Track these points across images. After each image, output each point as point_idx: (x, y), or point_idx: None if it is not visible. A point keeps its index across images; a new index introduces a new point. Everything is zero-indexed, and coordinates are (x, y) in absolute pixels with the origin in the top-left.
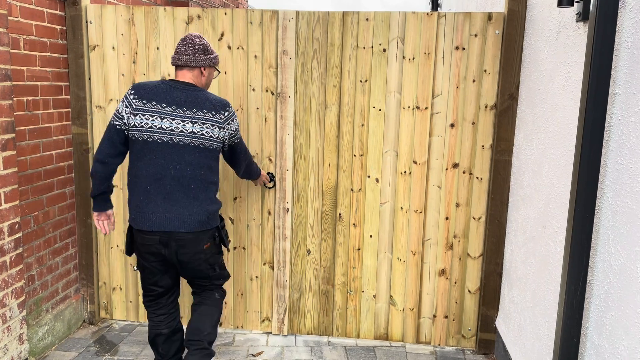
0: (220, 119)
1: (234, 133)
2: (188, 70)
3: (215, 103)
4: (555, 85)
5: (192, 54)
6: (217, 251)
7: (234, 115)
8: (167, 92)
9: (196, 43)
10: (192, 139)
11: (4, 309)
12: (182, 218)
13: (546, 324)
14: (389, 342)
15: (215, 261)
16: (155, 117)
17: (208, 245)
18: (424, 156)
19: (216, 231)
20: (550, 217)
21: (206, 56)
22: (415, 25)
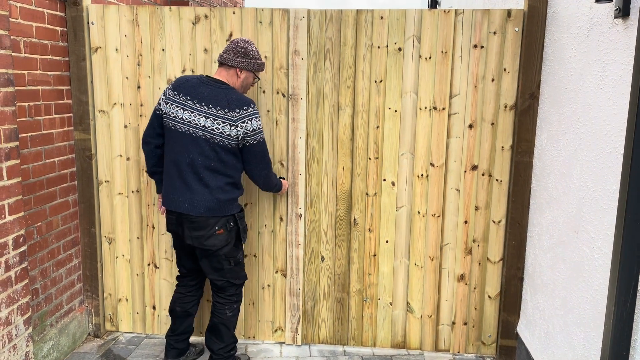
0: (234, 117)
1: (250, 133)
2: (225, 68)
3: (233, 101)
4: (588, 84)
5: (232, 54)
6: (233, 243)
7: (254, 116)
8: (195, 87)
9: (240, 45)
10: (204, 132)
11: (9, 327)
12: (192, 202)
13: (581, 334)
14: (406, 350)
15: (231, 254)
16: (179, 108)
17: (221, 232)
18: (442, 158)
19: (231, 219)
20: (585, 221)
21: (245, 59)
22: (431, 23)
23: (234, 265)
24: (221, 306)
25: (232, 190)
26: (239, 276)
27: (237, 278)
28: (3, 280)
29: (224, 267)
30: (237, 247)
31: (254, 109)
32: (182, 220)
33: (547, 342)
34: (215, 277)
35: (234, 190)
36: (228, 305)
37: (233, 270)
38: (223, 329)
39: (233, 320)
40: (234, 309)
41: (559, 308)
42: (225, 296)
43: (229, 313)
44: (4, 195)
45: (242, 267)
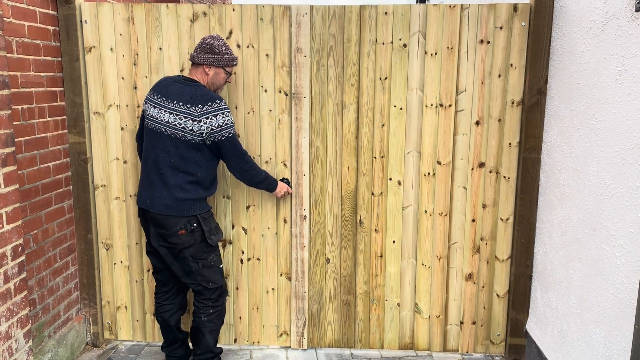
0: (196, 112)
1: (216, 130)
2: (194, 67)
3: (197, 97)
4: (604, 79)
5: (198, 52)
6: (198, 245)
7: (220, 111)
8: (168, 86)
9: (205, 42)
10: (167, 127)
11: (9, 341)
12: (153, 199)
13: (602, 332)
14: (414, 351)
15: (198, 257)
16: (151, 106)
17: (183, 232)
18: (449, 156)
19: (193, 220)
20: (604, 219)
21: (210, 55)
22: (437, 19)
23: (203, 267)
24: (197, 309)
25: (194, 190)
26: (212, 280)
27: (210, 282)
28: (2, 292)
29: (192, 270)
30: (205, 250)
31: (220, 105)
32: (147, 217)
33: (562, 340)
34: (187, 281)
35: (196, 190)
36: (203, 310)
37: (202, 273)
38: (200, 334)
39: (209, 327)
40: (209, 314)
41: (575, 306)
42: (201, 299)
43: (203, 317)
44: (2, 204)
45: (214, 270)
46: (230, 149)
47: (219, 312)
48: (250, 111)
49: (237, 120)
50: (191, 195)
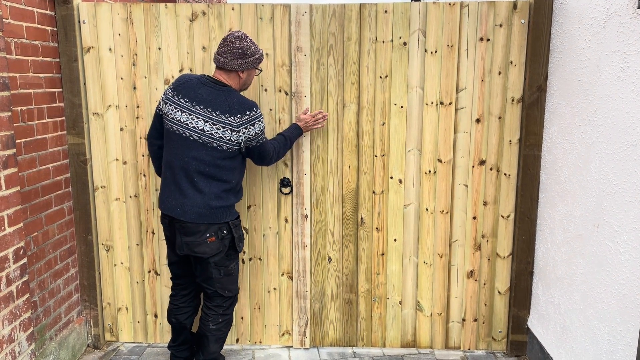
0: (235, 123)
1: (253, 137)
2: (224, 72)
3: (234, 105)
4: (606, 76)
5: (229, 57)
6: (225, 252)
7: (257, 119)
8: (195, 88)
9: (235, 46)
10: (202, 136)
11: (12, 345)
12: (184, 207)
13: (606, 328)
14: (416, 349)
15: (222, 264)
16: (177, 110)
17: (212, 240)
18: (449, 154)
19: (224, 227)
20: (607, 215)
21: (244, 60)
22: (437, 17)
23: (224, 275)
24: (205, 316)
25: (228, 197)
26: (229, 288)
27: (227, 290)
28: (5, 295)
29: (213, 276)
30: (229, 257)
31: (257, 112)
32: (174, 224)
33: (564, 336)
34: (204, 285)
35: (229, 197)
36: (212, 318)
37: (222, 280)
38: (205, 341)
39: (216, 335)
40: (218, 323)
41: (578, 302)
42: (211, 306)
43: (212, 325)
44: (3, 206)
45: (233, 279)
46: (264, 151)
47: (227, 321)
48: None
49: None
50: (225, 203)
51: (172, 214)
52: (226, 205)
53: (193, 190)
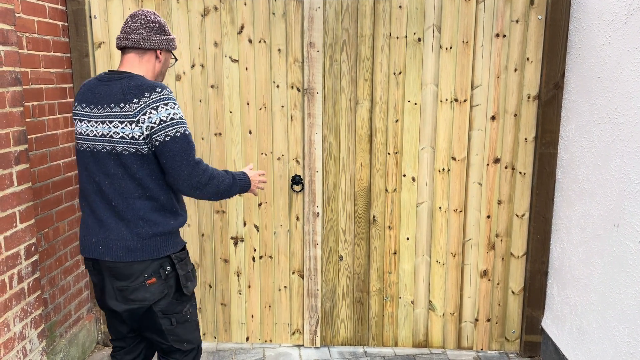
0: (132, 110)
1: (157, 127)
2: (137, 53)
3: (130, 90)
4: (627, 73)
5: (145, 33)
6: (172, 295)
7: (161, 102)
8: (92, 89)
9: (151, 20)
10: (103, 143)
11: (24, 342)
12: (107, 243)
13: (626, 330)
14: (428, 349)
15: (171, 310)
16: (78, 121)
17: (153, 281)
18: (464, 152)
19: (166, 263)
20: (627, 215)
21: (164, 37)
22: (452, 12)
23: (177, 324)
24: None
25: (162, 220)
26: (188, 339)
27: (185, 342)
28: (16, 292)
29: (162, 328)
30: (180, 300)
31: (162, 94)
32: (100, 269)
33: (581, 337)
34: (156, 339)
35: (164, 220)
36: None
37: (176, 332)
38: None
39: None
40: None
41: (596, 303)
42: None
43: None
44: (15, 202)
45: (190, 326)
46: (178, 152)
47: None
48: (262, 107)
49: (248, 117)
50: (160, 229)
51: (93, 254)
52: (163, 232)
53: (115, 219)
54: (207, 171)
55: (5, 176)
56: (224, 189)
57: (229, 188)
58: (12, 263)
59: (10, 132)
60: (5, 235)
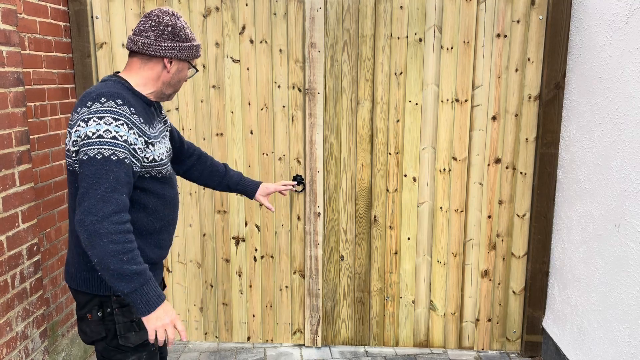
0: (72, 120)
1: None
2: (141, 59)
3: (84, 96)
4: (628, 73)
5: (153, 37)
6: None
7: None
8: None
9: (163, 22)
10: (65, 157)
11: (26, 341)
12: (66, 263)
13: (626, 330)
14: (429, 349)
15: (110, 357)
16: None
17: (90, 317)
18: (464, 152)
19: (107, 303)
20: (628, 215)
21: (175, 43)
22: (453, 12)
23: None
24: None
25: None
26: None
27: None
28: (19, 292)
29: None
30: (122, 350)
31: (103, 106)
32: None
33: (582, 337)
34: None
35: None
36: None
37: None
38: None
39: None
40: None
41: (597, 303)
42: None
43: None
44: (17, 202)
45: None
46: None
47: None
48: (264, 107)
49: (249, 117)
50: None
51: None
52: None
53: (70, 239)
54: (112, 229)
55: (7, 176)
56: (110, 265)
57: (117, 272)
58: (15, 263)
59: (12, 133)
60: (7, 235)
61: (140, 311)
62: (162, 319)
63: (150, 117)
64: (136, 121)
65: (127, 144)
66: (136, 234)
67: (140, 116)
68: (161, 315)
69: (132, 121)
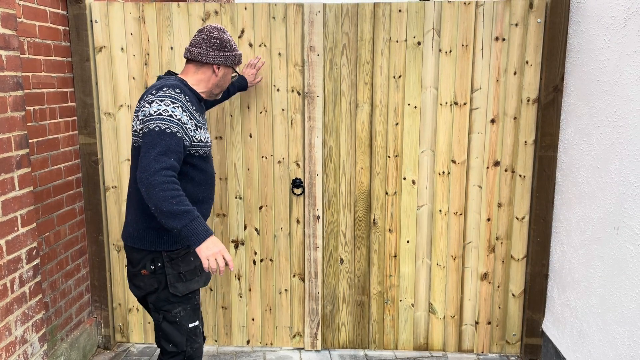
0: (140, 104)
1: (144, 120)
2: (195, 65)
3: (149, 89)
4: (627, 76)
5: (205, 48)
6: (162, 291)
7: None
8: None
9: (213, 35)
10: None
11: (25, 346)
12: (125, 225)
13: (626, 333)
14: (429, 352)
15: (161, 307)
16: None
17: (145, 273)
18: (463, 155)
19: (158, 258)
20: (627, 218)
21: (222, 53)
22: (451, 16)
23: (165, 322)
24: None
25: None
26: (174, 342)
27: (171, 343)
28: (18, 296)
29: (155, 320)
30: (169, 300)
31: (165, 93)
32: None
33: (581, 340)
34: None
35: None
36: None
37: (163, 328)
38: None
39: None
40: None
41: (596, 306)
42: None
43: None
44: (17, 206)
45: (179, 330)
46: (145, 145)
47: None
48: (263, 111)
49: (248, 120)
50: (153, 223)
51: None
52: (157, 227)
53: (130, 204)
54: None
55: (6, 180)
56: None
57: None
58: (14, 267)
59: (12, 137)
60: (6, 239)
61: (193, 243)
62: (211, 249)
63: (200, 109)
64: (189, 107)
65: (180, 122)
66: None
67: (193, 105)
68: (210, 245)
69: (186, 106)
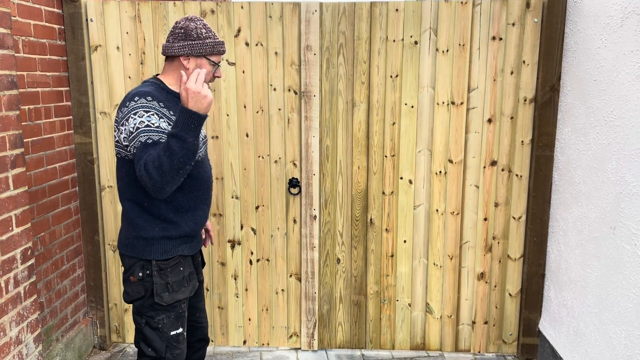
0: (119, 117)
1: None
2: (168, 61)
3: (125, 98)
4: (623, 76)
5: (171, 40)
6: (148, 298)
7: (131, 112)
8: None
9: (178, 26)
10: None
11: (20, 347)
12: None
13: (623, 332)
14: (426, 352)
15: (144, 312)
16: None
17: (134, 280)
18: (460, 154)
19: (147, 266)
20: (624, 217)
21: (186, 42)
22: (448, 15)
23: (148, 326)
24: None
25: (145, 225)
26: (153, 346)
27: (150, 347)
28: (12, 297)
29: (136, 323)
30: (155, 309)
31: (133, 104)
32: None
33: (578, 340)
34: None
35: (148, 225)
36: None
37: (144, 333)
38: None
39: None
40: None
41: (593, 306)
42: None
43: None
44: (11, 206)
45: (160, 337)
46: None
47: None
48: (259, 110)
49: (245, 119)
50: (142, 233)
51: None
52: (145, 237)
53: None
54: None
55: (1, 180)
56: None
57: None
58: (8, 267)
59: (6, 136)
60: (1, 239)
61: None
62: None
63: None
64: (166, 113)
65: (160, 129)
66: (173, 211)
67: (170, 109)
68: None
69: (162, 112)
